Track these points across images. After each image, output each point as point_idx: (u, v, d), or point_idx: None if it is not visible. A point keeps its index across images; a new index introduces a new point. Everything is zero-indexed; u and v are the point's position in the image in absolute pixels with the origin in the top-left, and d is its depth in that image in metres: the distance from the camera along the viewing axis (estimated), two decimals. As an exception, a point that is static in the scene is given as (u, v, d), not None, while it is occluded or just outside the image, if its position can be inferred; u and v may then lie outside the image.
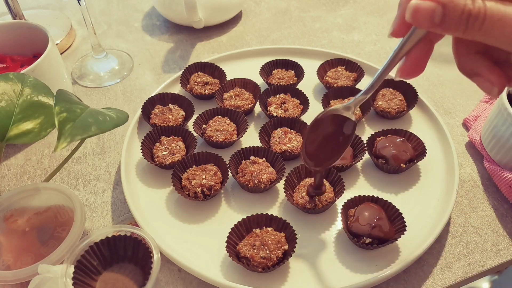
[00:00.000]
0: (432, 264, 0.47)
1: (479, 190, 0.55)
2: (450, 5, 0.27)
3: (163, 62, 0.78)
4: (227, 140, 0.57)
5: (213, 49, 0.81)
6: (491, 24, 0.26)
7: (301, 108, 0.62)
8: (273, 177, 0.52)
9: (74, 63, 0.78)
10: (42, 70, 0.58)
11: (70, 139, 0.41)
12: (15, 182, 0.58)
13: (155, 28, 0.87)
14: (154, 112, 0.62)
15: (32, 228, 0.46)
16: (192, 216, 0.52)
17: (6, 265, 0.43)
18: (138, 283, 0.41)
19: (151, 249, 0.41)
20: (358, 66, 0.68)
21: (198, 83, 0.66)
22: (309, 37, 0.83)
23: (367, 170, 0.56)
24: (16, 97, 0.49)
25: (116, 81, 0.74)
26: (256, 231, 0.47)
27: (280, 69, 0.70)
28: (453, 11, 0.27)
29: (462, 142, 0.61)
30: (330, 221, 0.51)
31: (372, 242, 0.45)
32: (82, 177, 0.58)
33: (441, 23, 0.27)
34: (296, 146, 0.56)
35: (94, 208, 0.54)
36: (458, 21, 0.27)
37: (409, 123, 0.62)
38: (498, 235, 0.50)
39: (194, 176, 0.52)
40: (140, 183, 0.55)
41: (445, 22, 0.27)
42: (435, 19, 0.27)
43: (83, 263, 0.41)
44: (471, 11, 0.26)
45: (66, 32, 0.82)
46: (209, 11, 0.80)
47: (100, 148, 0.62)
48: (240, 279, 0.45)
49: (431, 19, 0.27)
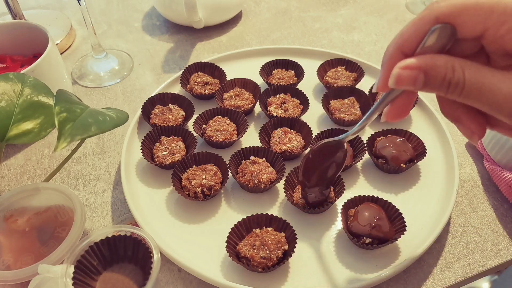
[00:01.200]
0: (432, 264, 0.47)
1: (479, 190, 0.55)
2: (431, 73, 0.28)
3: (163, 62, 0.78)
4: (227, 140, 0.57)
5: (213, 49, 0.81)
6: (469, 91, 0.28)
7: (301, 108, 0.62)
8: (273, 177, 0.52)
9: (74, 63, 0.78)
10: (42, 70, 0.58)
11: (70, 139, 0.41)
12: (15, 182, 0.58)
13: (155, 28, 0.87)
14: (154, 112, 0.62)
15: (32, 228, 0.46)
16: (192, 216, 0.52)
17: (6, 265, 0.43)
18: (138, 283, 0.41)
19: (151, 249, 0.41)
20: (358, 66, 0.68)
21: (198, 83, 0.66)
22: (309, 37, 0.83)
23: (367, 170, 0.56)
24: (16, 97, 0.49)
25: (116, 81, 0.74)
26: (256, 231, 0.47)
27: (280, 69, 0.70)
28: (434, 79, 0.28)
29: (462, 142, 0.61)
30: (330, 221, 0.51)
31: (372, 242, 0.45)
32: (82, 177, 0.58)
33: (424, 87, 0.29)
34: (296, 146, 0.56)
35: (94, 208, 0.54)
36: (440, 87, 0.29)
37: (409, 123, 0.62)
38: (498, 235, 0.50)
39: (194, 176, 0.52)
40: (140, 183, 0.55)
41: (427, 86, 0.29)
42: (418, 84, 0.29)
43: (83, 263, 0.41)
44: (451, 79, 0.28)
45: (66, 32, 0.82)
46: (209, 11, 0.80)
47: (100, 148, 0.62)
48: (240, 279, 0.45)
49: (413, 84, 0.29)
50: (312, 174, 0.48)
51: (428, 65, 0.28)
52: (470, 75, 0.28)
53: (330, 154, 0.46)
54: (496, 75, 0.27)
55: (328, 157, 0.47)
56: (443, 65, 0.28)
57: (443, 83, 0.28)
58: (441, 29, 0.29)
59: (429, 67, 0.28)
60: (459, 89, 0.28)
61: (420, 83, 0.28)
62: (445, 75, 0.28)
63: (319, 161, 0.47)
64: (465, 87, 0.28)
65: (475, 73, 0.28)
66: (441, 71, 0.28)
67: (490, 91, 0.27)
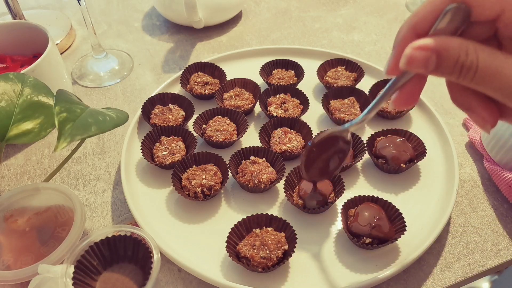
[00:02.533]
0: (432, 264, 0.47)
1: (479, 190, 0.55)
2: (444, 55, 0.27)
3: (163, 62, 0.78)
4: (227, 140, 0.57)
5: (213, 49, 0.81)
6: (482, 75, 0.27)
7: (301, 108, 0.62)
8: (273, 177, 0.52)
9: (74, 63, 0.78)
10: (42, 70, 0.58)
11: (70, 139, 0.41)
12: (15, 182, 0.58)
13: (155, 28, 0.87)
14: (154, 112, 0.62)
15: (32, 228, 0.46)
16: (192, 216, 0.52)
17: (6, 265, 0.43)
18: (138, 283, 0.41)
19: (151, 249, 0.41)
20: (358, 66, 0.68)
21: (198, 83, 0.66)
22: (309, 37, 0.83)
23: (367, 170, 0.56)
24: (16, 97, 0.49)
25: (116, 81, 0.74)
26: (256, 231, 0.47)
27: (280, 69, 0.70)
28: (446, 61, 0.27)
29: (462, 142, 0.61)
30: (330, 221, 0.51)
31: (372, 242, 0.45)
32: (82, 177, 0.58)
33: (435, 70, 0.28)
34: (296, 146, 0.56)
35: (94, 208, 0.54)
36: (452, 70, 0.27)
37: (409, 123, 0.62)
38: (498, 235, 0.50)
39: (194, 176, 0.52)
40: (140, 183, 0.55)
41: (438, 69, 0.28)
42: (429, 67, 0.28)
43: (83, 263, 0.41)
44: (464, 62, 0.27)
45: (66, 32, 0.82)
46: (209, 11, 0.80)
47: (100, 148, 0.62)
48: (240, 279, 0.45)
49: (425, 66, 0.28)
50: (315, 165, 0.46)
51: (442, 46, 0.27)
52: (483, 59, 0.27)
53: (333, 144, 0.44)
54: (511, 60, 0.26)
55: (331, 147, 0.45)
56: (456, 47, 0.27)
57: (456, 66, 0.27)
58: (455, 10, 0.28)
59: (442, 48, 0.27)
60: (472, 72, 0.27)
61: (432, 65, 0.27)
62: (458, 58, 0.27)
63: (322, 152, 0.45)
64: (478, 70, 0.27)
65: (489, 56, 0.27)
66: (455, 53, 0.27)
67: (504, 76, 0.26)
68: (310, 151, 0.45)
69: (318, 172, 0.47)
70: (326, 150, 0.45)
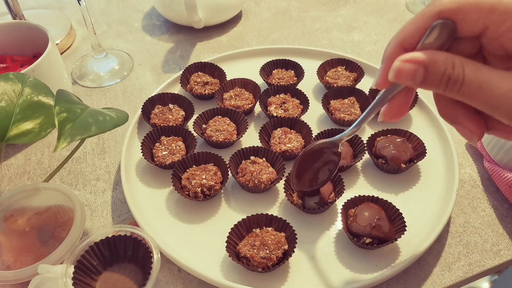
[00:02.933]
0: (432, 264, 0.47)
1: (479, 190, 0.55)
2: (431, 68, 0.28)
3: (163, 62, 0.78)
4: (227, 140, 0.57)
5: (213, 49, 0.81)
6: (468, 88, 0.28)
7: (301, 108, 0.62)
8: (273, 177, 0.52)
9: (74, 63, 0.78)
10: (42, 70, 0.58)
11: (70, 139, 0.41)
12: (15, 182, 0.58)
13: (155, 28, 0.87)
14: (154, 112, 0.62)
15: (32, 228, 0.46)
16: (192, 216, 0.52)
17: (6, 265, 0.43)
18: (138, 283, 0.41)
19: (151, 249, 0.41)
20: (358, 66, 0.68)
21: (198, 83, 0.66)
22: (309, 37, 0.83)
23: (367, 170, 0.56)
24: (16, 97, 0.49)
25: (116, 81, 0.74)
26: (256, 231, 0.47)
27: (280, 69, 0.70)
28: (433, 73, 0.28)
29: (462, 142, 0.61)
30: (330, 221, 0.51)
31: (372, 242, 0.45)
32: (82, 177, 0.58)
33: (423, 82, 0.29)
34: (296, 146, 0.56)
35: (94, 208, 0.54)
36: (439, 82, 0.29)
37: (409, 123, 0.62)
38: (498, 235, 0.50)
39: (194, 176, 0.52)
40: (140, 183, 0.55)
41: (426, 81, 0.29)
42: (417, 79, 0.29)
43: (83, 263, 0.41)
44: (451, 75, 0.28)
45: (66, 32, 0.82)
46: (209, 11, 0.80)
47: (100, 148, 0.62)
48: (240, 279, 0.45)
49: (413, 79, 0.29)
50: (305, 176, 0.48)
51: (429, 60, 0.28)
52: (469, 72, 0.28)
53: (323, 156, 0.47)
54: (495, 73, 0.27)
55: (321, 159, 0.47)
56: (443, 60, 0.28)
57: (443, 79, 0.28)
58: (441, 26, 0.29)
59: (430, 61, 0.28)
60: (458, 85, 0.28)
61: (420, 78, 0.28)
62: (445, 71, 0.28)
63: (311, 163, 0.47)
64: (464, 83, 0.28)
65: (475, 70, 0.28)
66: (441, 66, 0.28)
67: (489, 89, 0.27)
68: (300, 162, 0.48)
69: (307, 183, 0.49)
70: (315, 161, 0.47)
